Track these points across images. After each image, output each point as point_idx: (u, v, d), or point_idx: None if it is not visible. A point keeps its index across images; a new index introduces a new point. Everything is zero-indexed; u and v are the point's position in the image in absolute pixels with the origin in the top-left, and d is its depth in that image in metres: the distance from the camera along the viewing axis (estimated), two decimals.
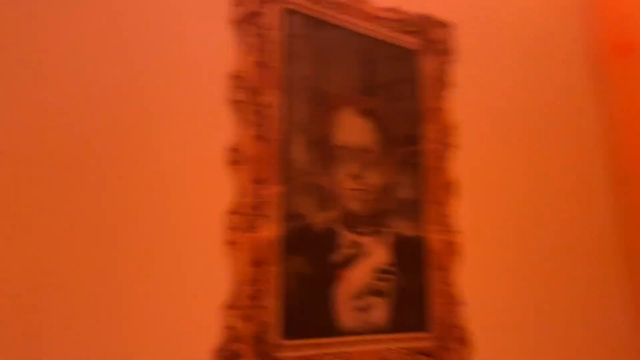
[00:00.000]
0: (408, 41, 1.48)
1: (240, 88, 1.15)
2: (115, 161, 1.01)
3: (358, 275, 1.26)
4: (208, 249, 1.07)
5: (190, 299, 1.04)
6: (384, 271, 1.30)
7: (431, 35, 1.53)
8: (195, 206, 1.07)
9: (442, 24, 1.56)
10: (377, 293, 1.28)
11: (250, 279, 1.10)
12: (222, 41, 1.16)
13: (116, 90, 1.03)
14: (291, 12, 1.26)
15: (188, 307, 1.03)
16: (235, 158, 1.12)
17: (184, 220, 1.06)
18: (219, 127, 1.12)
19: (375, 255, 1.30)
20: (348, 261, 1.25)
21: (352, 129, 1.32)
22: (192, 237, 1.06)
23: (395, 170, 1.38)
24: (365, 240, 1.29)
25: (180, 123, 1.08)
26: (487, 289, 1.48)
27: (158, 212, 1.03)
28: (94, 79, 1.01)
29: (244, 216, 1.11)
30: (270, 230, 1.14)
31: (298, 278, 1.16)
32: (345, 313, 1.22)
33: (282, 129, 1.20)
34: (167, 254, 1.03)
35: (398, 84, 1.43)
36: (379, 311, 1.28)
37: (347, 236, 1.26)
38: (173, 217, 1.05)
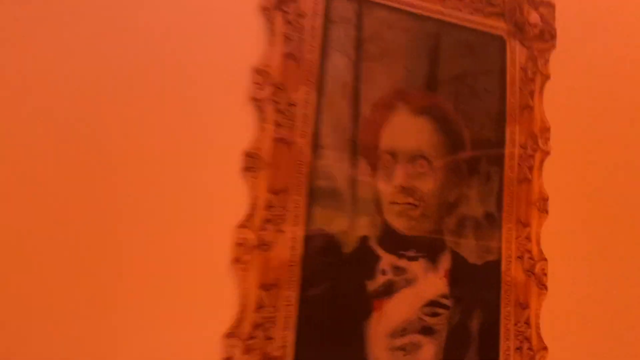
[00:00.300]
0: (491, 25, 1.22)
1: (264, 84, 1.00)
2: (115, 163, 0.92)
3: (400, 308, 1.05)
4: (214, 268, 0.94)
5: (190, 324, 0.92)
6: (436, 304, 1.08)
7: (522, 17, 1.25)
8: (204, 218, 0.95)
9: (537, 3, 1.27)
10: (426, 331, 1.06)
11: (257, 304, 0.95)
12: (248, 31, 1.02)
13: (123, 84, 0.94)
14: None
15: (186, 332, 0.92)
16: (251, 164, 0.98)
17: (189, 233, 0.94)
18: (237, 129, 0.99)
19: (425, 284, 1.07)
20: (387, 290, 1.04)
21: (405, 131, 1.10)
22: (197, 253, 0.94)
23: (461, 181, 1.14)
24: (412, 265, 1.07)
25: (192, 123, 0.97)
26: (578, 333, 1.17)
27: (160, 223, 0.92)
28: (95, 69, 0.93)
29: (256, 231, 0.96)
30: (286, 249, 0.98)
31: (319, 306, 0.99)
32: (381, 352, 1.02)
33: (312, 130, 1.03)
34: (165, 271, 0.92)
35: (473, 77, 1.18)
36: (427, 353, 1.06)
37: (387, 259, 1.05)
38: (177, 228, 0.93)
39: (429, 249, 1.08)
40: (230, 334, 0.93)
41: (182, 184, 0.94)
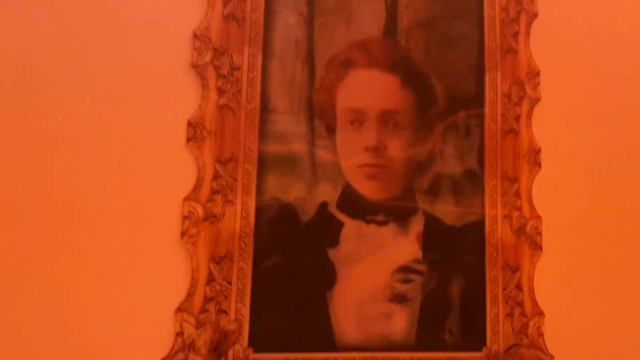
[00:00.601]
0: None
1: (204, 49, 0.96)
2: (54, 137, 0.90)
3: (367, 275, 0.99)
4: (163, 242, 0.92)
5: (140, 300, 0.91)
6: (408, 270, 1.01)
7: None
8: (150, 192, 0.93)
9: None
10: (397, 298, 1.00)
11: (209, 277, 0.92)
12: None
13: (58, 55, 0.92)
14: None
15: (137, 308, 0.90)
16: (195, 133, 0.94)
17: (134, 208, 0.92)
18: (180, 98, 0.95)
19: (395, 249, 1.00)
20: (352, 257, 0.98)
21: (367, 88, 1.03)
22: (143, 228, 0.92)
23: (433, 138, 1.05)
24: (379, 230, 1.00)
25: (132, 95, 0.94)
26: (578, 297, 1.07)
27: (103, 199, 0.91)
28: (27, 38, 0.92)
29: (204, 203, 0.93)
30: (237, 220, 0.94)
31: (276, 278, 0.95)
32: (347, 323, 0.97)
33: (260, 94, 0.97)
34: (113, 247, 0.90)
35: (445, 23, 1.08)
36: (399, 322, 0.99)
37: (351, 225, 0.99)
38: (120, 203, 0.91)
39: (399, 212, 1.01)
40: (182, 309, 0.91)
41: (125, 158, 0.92)
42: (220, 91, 0.95)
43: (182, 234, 0.92)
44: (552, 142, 1.08)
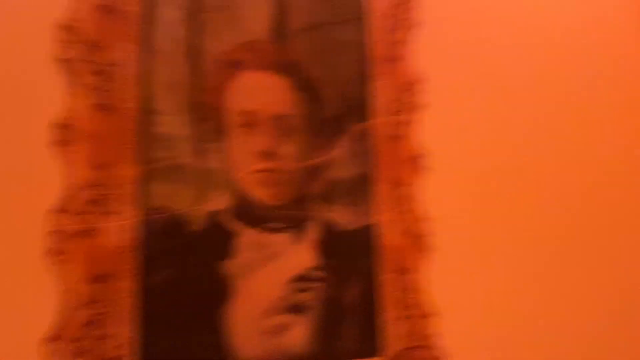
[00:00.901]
0: None
1: (73, 42, 0.85)
2: None
3: (264, 287, 0.93)
4: (28, 262, 0.79)
5: (2, 331, 0.77)
6: (306, 278, 0.97)
7: None
8: (9, 204, 0.80)
9: None
10: (295, 308, 0.95)
11: (86, 299, 0.81)
12: None
13: None
14: None
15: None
16: (66, 136, 0.83)
17: None
18: (43, 96, 0.83)
19: (292, 257, 0.96)
20: (247, 268, 0.92)
21: (257, 90, 0.98)
22: (2, 246, 0.78)
23: (327, 142, 1.03)
24: (275, 238, 0.95)
25: None
26: (471, 296, 1.10)
27: None
28: None
29: (77, 215, 0.82)
30: (117, 233, 0.84)
31: (165, 295, 0.86)
32: (245, 338, 0.91)
33: (140, 94, 0.88)
34: None
35: (332, 27, 1.07)
36: (298, 332, 0.95)
37: (245, 234, 0.93)
38: None
39: (294, 219, 0.97)
40: (55, 337, 0.78)
41: None
42: (92, 89, 0.85)
43: (51, 252, 0.80)
44: (440, 146, 1.11)
